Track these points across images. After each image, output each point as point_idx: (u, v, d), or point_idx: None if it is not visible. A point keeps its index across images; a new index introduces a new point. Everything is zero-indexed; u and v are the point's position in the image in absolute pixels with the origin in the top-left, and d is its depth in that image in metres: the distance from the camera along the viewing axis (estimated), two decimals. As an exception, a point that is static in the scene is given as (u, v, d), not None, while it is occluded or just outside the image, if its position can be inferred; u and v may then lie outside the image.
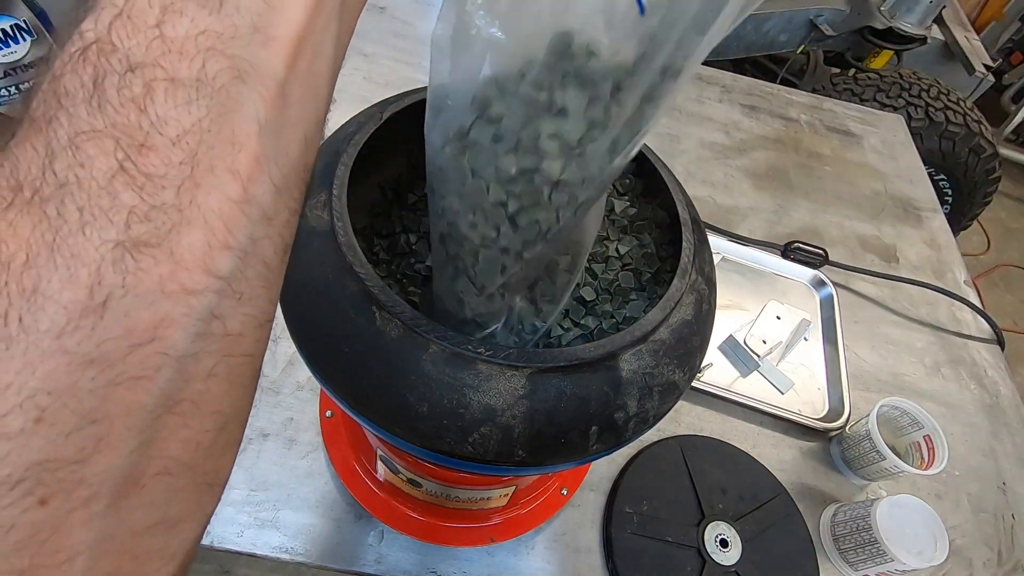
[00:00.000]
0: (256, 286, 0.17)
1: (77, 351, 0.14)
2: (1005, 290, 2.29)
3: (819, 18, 1.75)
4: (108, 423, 0.14)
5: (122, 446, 0.14)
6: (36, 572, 0.14)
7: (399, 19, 1.07)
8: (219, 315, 0.16)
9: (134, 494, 0.15)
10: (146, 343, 0.14)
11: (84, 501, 0.14)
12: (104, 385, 0.14)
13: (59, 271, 0.14)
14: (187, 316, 0.15)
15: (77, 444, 0.14)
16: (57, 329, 0.13)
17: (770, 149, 1.07)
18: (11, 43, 0.63)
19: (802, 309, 0.80)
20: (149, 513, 0.15)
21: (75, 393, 0.14)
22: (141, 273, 0.14)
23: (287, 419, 0.61)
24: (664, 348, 0.33)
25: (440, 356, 0.30)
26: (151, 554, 0.16)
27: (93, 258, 0.14)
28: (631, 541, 0.59)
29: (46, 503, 0.13)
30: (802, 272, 0.88)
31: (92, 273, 0.14)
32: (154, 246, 0.14)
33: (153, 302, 0.14)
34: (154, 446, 0.15)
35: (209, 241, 0.15)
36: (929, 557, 0.56)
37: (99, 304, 0.14)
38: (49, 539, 0.14)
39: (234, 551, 0.54)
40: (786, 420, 0.71)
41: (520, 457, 0.31)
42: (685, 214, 0.39)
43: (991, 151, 1.63)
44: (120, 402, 0.14)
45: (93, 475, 0.14)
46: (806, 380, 0.77)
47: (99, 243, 0.14)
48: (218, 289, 0.16)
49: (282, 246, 0.18)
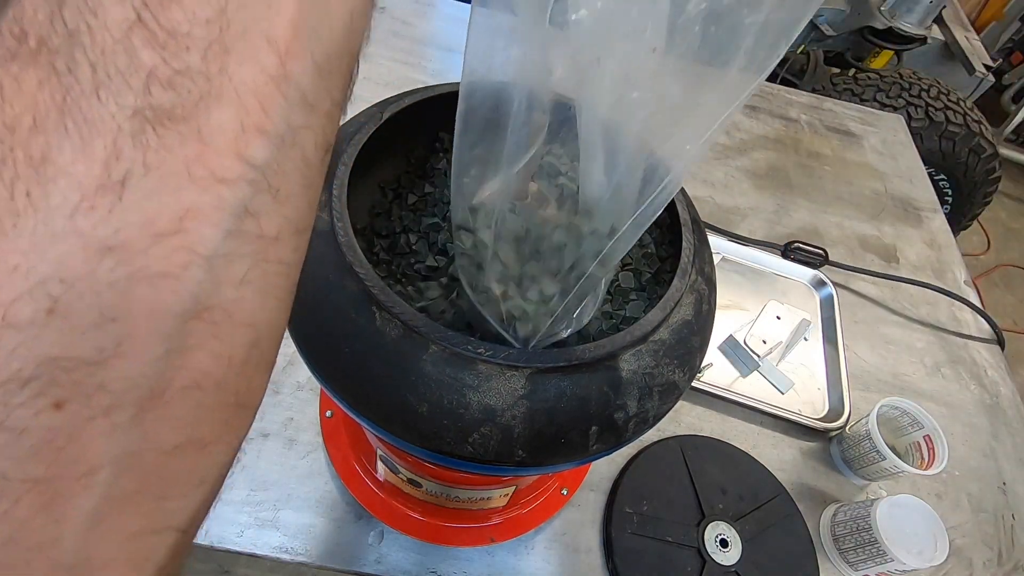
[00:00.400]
0: (294, 183, 0.15)
1: (93, 235, 0.12)
2: (1005, 290, 2.29)
3: (819, 18, 1.75)
4: (130, 323, 0.12)
5: (145, 351, 0.13)
6: (54, 483, 0.12)
7: (399, 19, 1.07)
8: (253, 212, 0.14)
9: (160, 407, 0.13)
10: (171, 235, 0.13)
11: (104, 410, 0.12)
12: (125, 278, 0.12)
13: (71, 139, 0.12)
14: (217, 209, 0.13)
15: (95, 343, 0.12)
16: (70, 207, 0.12)
17: (770, 149, 1.07)
18: (11, 43, 0.64)
19: (802, 309, 0.80)
20: (176, 431, 0.14)
21: (92, 284, 0.12)
22: (164, 151, 0.12)
23: (287, 419, 0.61)
24: (664, 348, 0.33)
25: (440, 356, 0.30)
26: (179, 475, 0.14)
27: (109, 127, 0.12)
28: (631, 541, 0.59)
29: (61, 407, 0.12)
30: (802, 272, 0.88)
31: (108, 145, 0.12)
32: (179, 120, 0.12)
33: (179, 187, 0.13)
34: (181, 356, 0.13)
35: (242, 121, 0.13)
36: (929, 557, 0.56)
37: (117, 182, 0.12)
38: (66, 447, 0.12)
39: (234, 551, 0.54)
40: (786, 420, 0.71)
41: (520, 457, 0.31)
42: (685, 214, 0.39)
43: (991, 151, 1.63)
44: (143, 301, 0.12)
45: (113, 381, 0.12)
46: (806, 380, 0.77)
47: (115, 109, 0.12)
48: (252, 180, 0.14)
49: (323, 142, 0.16)
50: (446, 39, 1.06)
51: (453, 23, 1.09)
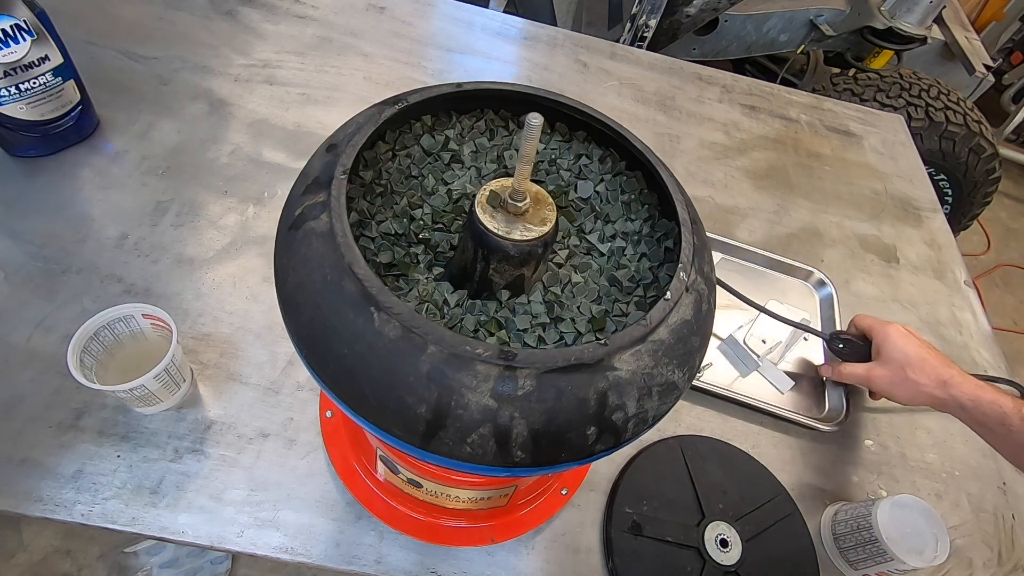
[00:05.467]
0: None
1: None
2: (1005, 290, 2.29)
3: (819, 18, 1.75)
4: None
5: None
6: None
7: (399, 19, 1.07)
8: None
9: None
10: None
11: None
12: None
13: None
14: None
15: None
16: None
17: (770, 149, 1.07)
18: (11, 43, 0.63)
19: (802, 309, 0.80)
20: None
21: None
22: None
23: (287, 419, 0.61)
24: (663, 348, 0.33)
25: (439, 357, 0.30)
26: None
27: None
28: (631, 541, 0.59)
29: None
30: (800, 270, 0.88)
31: None
32: None
33: None
34: None
35: None
36: (930, 557, 0.56)
37: None
38: None
39: (234, 551, 0.54)
40: (786, 420, 0.71)
41: (519, 458, 0.31)
42: (685, 214, 0.39)
43: (991, 151, 1.63)
44: None
45: None
46: (806, 379, 0.77)
47: None
48: None
49: None
50: (446, 39, 1.06)
51: (453, 23, 1.09)
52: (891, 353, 0.66)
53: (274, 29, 0.98)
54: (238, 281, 0.69)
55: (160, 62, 0.88)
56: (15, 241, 0.67)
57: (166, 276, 0.68)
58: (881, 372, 0.67)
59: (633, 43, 1.54)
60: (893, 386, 0.66)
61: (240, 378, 0.62)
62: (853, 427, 0.74)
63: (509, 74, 1.05)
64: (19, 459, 0.54)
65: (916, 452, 0.73)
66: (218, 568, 1.21)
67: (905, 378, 0.64)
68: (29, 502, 0.52)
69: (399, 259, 0.37)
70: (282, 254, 0.35)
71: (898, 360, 0.65)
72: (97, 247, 0.68)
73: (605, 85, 1.09)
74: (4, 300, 0.63)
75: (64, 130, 0.74)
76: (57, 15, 0.68)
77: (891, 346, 0.66)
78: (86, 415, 0.57)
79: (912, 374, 0.64)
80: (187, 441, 0.58)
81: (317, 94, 0.91)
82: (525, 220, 0.34)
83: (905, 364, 0.64)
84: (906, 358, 0.65)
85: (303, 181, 0.37)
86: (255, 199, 0.77)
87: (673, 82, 1.13)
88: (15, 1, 0.63)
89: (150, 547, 1.20)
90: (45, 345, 0.60)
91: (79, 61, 0.73)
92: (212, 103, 0.85)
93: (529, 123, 0.30)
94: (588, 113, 0.44)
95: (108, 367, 0.57)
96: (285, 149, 0.83)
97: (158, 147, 0.79)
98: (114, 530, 0.53)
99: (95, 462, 0.55)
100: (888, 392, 0.67)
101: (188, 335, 0.64)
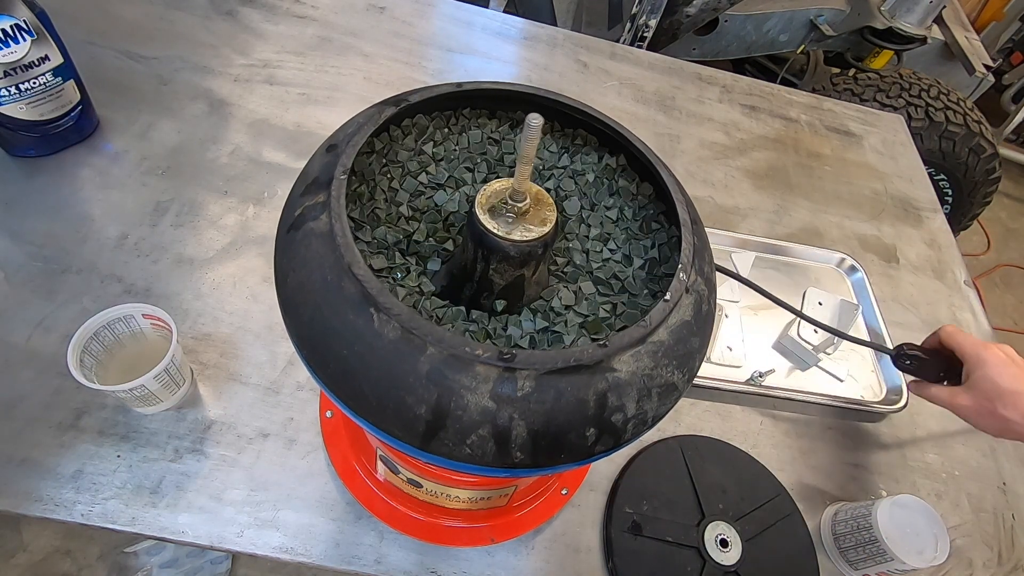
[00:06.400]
0: None
1: None
2: (1005, 290, 2.29)
3: (819, 18, 1.75)
4: None
5: None
6: None
7: (399, 19, 1.07)
8: None
9: None
10: None
11: None
12: None
13: None
14: None
15: None
16: None
17: (770, 149, 1.07)
18: (11, 43, 0.63)
19: (839, 294, 0.80)
20: None
21: None
22: None
23: (287, 419, 0.61)
24: (663, 349, 0.33)
25: (438, 358, 0.30)
26: None
27: None
28: (631, 541, 0.59)
29: None
30: (830, 256, 0.89)
31: None
32: None
33: None
34: None
35: None
36: (930, 557, 0.56)
37: None
38: None
39: (234, 551, 0.54)
40: (850, 409, 0.71)
41: (518, 459, 0.31)
42: (685, 215, 0.39)
43: (991, 151, 1.63)
44: None
45: None
46: (859, 365, 0.77)
47: None
48: None
49: None
50: (446, 39, 1.06)
51: (453, 23, 1.09)
52: (981, 383, 0.60)
53: (274, 29, 0.98)
54: (238, 281, 0.69)
55: (160, 62, 0.88)
56: (15, 241, 0.67)
57: (166, 276, 0.68)
58: (967, 402, 0.61)
59: (633, 43, 1.54)
60: (980, 417, 0.60)
61: (240, 378, 0.62)
62: (853, 427, 0.74)
63: (509, 74, 1.05)
64: (19, 459, 0.54)
65: (916, 452, 0.74)
66: (218, 568, 1.21)
67: (994, 412, 0.59)
68: (29, 502, 0.52)
69: (389, 264, 0.37)
70: (282, 254, 0.35)
71: (988, 392, 0.59)
72: (97, 247, 0.68)
73: (605, 85, 1.09)
74: (4, 300, 0.63)
75: (64, 130, 0.74)
76: (57, 15, 0.68)
77: (982, 375, 0.60)
78: (86, 415, 0.57)
79: (1003, 409, 0.58)
80: (187, 441, 0.58)
81: (317, 94, 0.91)
82: (525, 220, 0.34)
83: (996, 397, 0.59)
84: (998, 391, 0.58)
85: (303, 181, 0.37)
86: (255, 199, 0.77)
87: (673, 82, 1.13)
88: (15, 1, 0.63)
89: (150, 547, 1.20)
90: (45, 345, 0.60)
91: (79, 61, 0.73)
92: (212, 103, 0.85)
93: (529, 123, 0.30)
94: (588, 113, 0.44)
95: (108, 367, 0.57)
96: (285, 149, 0.83)
97: (158, 147, 0.79)
98: (114, 530, 0.53)
99: (95, 462, 0.55)
100: (974, 422, 0.62)
101: (188, 335, 0.64)
